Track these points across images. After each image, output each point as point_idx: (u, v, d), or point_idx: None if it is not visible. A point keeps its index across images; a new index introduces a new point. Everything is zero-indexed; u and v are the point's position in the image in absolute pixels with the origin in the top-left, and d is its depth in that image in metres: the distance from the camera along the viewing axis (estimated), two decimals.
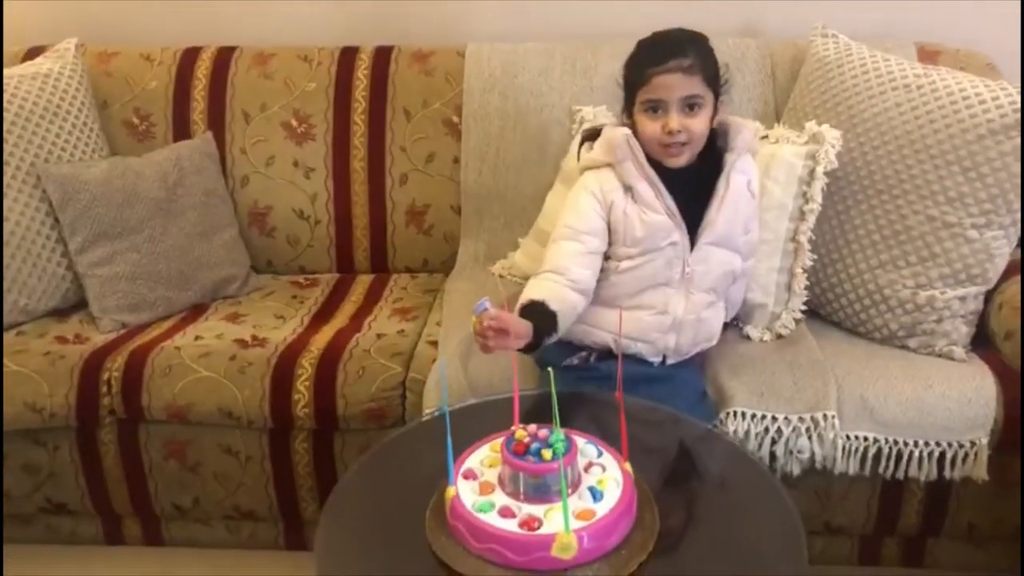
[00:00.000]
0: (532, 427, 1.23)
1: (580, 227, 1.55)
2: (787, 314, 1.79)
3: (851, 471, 1.62)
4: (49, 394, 1.75)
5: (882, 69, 1.82)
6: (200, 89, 2.20)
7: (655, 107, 1.50)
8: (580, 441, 1.27)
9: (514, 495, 1.19)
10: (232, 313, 2.01)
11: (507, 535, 1.13)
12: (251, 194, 2.19)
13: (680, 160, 1.53)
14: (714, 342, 1.68)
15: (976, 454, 1.60)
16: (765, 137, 1.83)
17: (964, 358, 1.70)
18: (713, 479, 1.41)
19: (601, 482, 1.21)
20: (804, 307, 1.80)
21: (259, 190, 2.19)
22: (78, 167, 2.00)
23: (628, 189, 1.54)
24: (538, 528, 1.14)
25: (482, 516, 1.16)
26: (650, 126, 1.51)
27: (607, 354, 1.59)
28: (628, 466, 1.24)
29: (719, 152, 1.58)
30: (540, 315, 1.46)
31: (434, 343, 1.81)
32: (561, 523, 1.12)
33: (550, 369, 1.20)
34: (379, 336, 1.85)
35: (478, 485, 1.22)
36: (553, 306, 1.47)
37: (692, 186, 1.56)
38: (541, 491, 1.18)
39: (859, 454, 1.61)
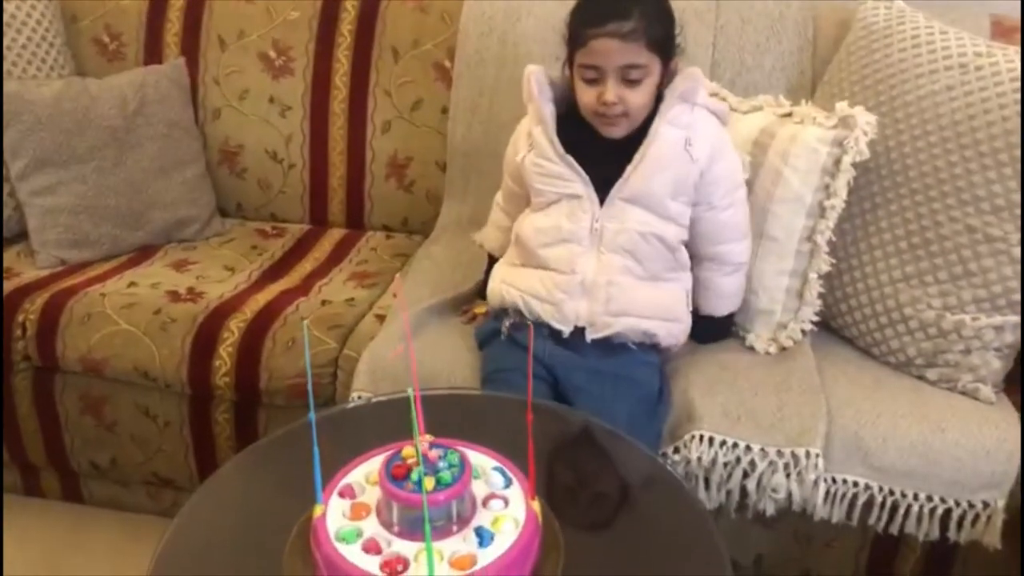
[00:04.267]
0: (426, 443, 1.03)
1: (506, 169, 1.55)
2: (795, 324, 1.53)
3: (835, 519, 1.37)
4: None
5: (936, 43, 1.52)
6: (176, 9, 2.00)
7: (592, 74, 1.35)
8: (487, 465, 1.06)
9: (388, 525, 0.99)
10: (181, 259, 1.84)
11: None
12: (222, 129, 2.00)
13: (616, 131, 1.38)
14: (655, 330, 1.39)
15: (989, 517, 1.34)
16: (789, 115, 1.56)
17: (991, 399, 1.42)
18: (641, 520, 1.17)
19: (496, 521, 0.99)
20: (815, 318, 1.54)
21: (231, 126, 2.00)
22: (27, 85, 1.83)
23: (530, 135, 1.43)
24: (402, 572, 0.94)
25: (341, 548, 0.96)
26: (586, 93, 1.37)
27: (520, 321, 1.44)
28: (536, 504, 1.02)
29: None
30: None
31: (382, 317, 1.61)
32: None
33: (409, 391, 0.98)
34: (324, 303, 1.65)
35: (350, 507, 1.02)
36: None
37: (624, 143, 1.40)
38: (417, 526, 0.97)
39: (846, 501, 1.36)
